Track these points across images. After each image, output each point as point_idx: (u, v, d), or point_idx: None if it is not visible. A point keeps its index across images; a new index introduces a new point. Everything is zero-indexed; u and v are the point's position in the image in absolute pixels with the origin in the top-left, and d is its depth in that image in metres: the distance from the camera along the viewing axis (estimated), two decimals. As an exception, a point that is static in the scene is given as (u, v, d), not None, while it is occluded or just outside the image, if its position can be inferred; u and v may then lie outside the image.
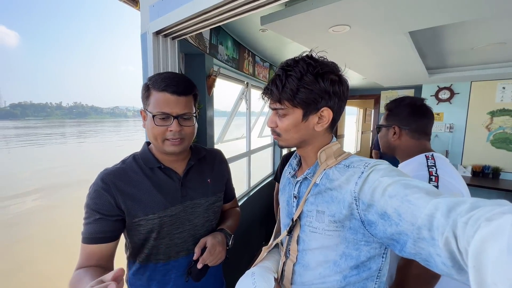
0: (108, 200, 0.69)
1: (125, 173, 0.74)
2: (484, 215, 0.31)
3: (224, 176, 0.93)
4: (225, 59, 1.68)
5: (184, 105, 0.71)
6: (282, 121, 0.62)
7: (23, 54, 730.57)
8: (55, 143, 20.57)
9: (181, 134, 0.72)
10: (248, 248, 2.25)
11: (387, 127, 1.01)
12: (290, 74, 0.57)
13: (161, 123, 0.70)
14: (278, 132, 0.64)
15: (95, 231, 0.68)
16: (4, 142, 19.17)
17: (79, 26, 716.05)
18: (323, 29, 1.29)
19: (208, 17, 0.83)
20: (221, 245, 0.77)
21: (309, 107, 0.59)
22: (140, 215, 0.72)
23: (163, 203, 0.74)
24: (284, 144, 0.66)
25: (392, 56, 1.86)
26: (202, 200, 0.82)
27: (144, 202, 0.73)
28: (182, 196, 0.78)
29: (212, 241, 0.76)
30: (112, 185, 0.70)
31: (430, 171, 0.83)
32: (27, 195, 6.39)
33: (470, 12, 1.07)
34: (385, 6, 1.04)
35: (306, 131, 0.62)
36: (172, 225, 0.76)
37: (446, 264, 0.36)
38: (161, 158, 0.79)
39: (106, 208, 0.69)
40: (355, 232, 0.55)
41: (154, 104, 0.70)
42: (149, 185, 0.74)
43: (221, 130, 2.13)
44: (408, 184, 0.46)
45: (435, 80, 2.98)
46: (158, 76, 0.72)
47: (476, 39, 1.76)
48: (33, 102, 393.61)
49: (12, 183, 7.80)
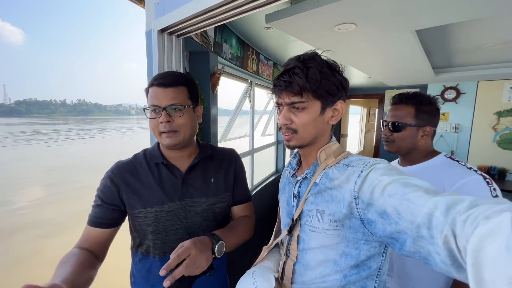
0: (112, 189, 0.75)
1: (133, 166, 0.79)
2: (483, 213, 0.31)
3: (230, 177, 0.89)
4: (230, 57, 1.67)
5: (172, 96, 0.73)
6: (300, 115, 0.60)
7: (27, 51, 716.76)
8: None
9: (172, 126, 0.73)
10: (250, 246, 2.25)
11: (417, 126, 0.89)
12: (311, 66, 0.57)
13: (153, 116, 0.74)
14: (295, 129, 0.61)
15: (94, 215, 0.75)
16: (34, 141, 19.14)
17: (84, 23, 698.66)
18: (328, 27, 1.27)
19: (213, 14, 0.83)
20: (200, 249, 0.62)
21: (328, 99, 0.60)
22: (139, 207, 0.76)
23: (161, 198, 0.77)
24: (297, 143, 0.63)
25: (398, 55, 1.83)
26: (202, 199, 0.82)
27: (144, 195, 0.76)
28: (182, 193, 0.79)
29: (188, 244, 0.62)
30: (119, 176, 0.77)
31: (482, 174, 0.77)
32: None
33: (480, 10, 1.05)
34: (392, 4, 1.02)
35: (322, 125, 0.62)
36: (168, 220, 0.78)
37: (445, 262, 0.36)
38: (167, 154, 0.81)
39: (107, 197, 0.75)
40: (355, 231, 0.55)
41: (148, 99, 0.76)
42: (152, 179, 0.78)
43: (224, 128, 2.13)
44: (407, 182, 0.46)
45: (441, 80, 2.94)
46: (157, 75, 0.78)
47: (484, 38, 1.72)
48: (38, 99, 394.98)
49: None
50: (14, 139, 21.79)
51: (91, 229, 0.75)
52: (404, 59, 1.96)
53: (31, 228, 4.27)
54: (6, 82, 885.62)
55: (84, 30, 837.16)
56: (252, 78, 2.22)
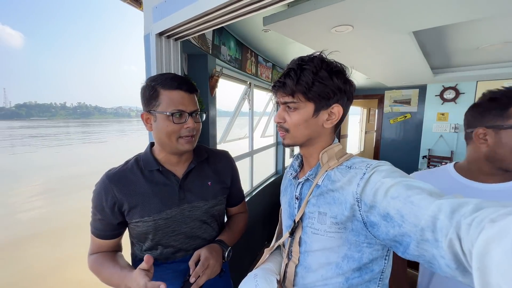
0: (107, 204, 0.73)
1: (125, 175, 0.76)
2: (488, 216, 0.30)
3: (227, 179, 0.90)
4: (228, 59, 1.68)
5: (194, 102, 0.76)
6: (292, 115, 0.61)
7: (27, 54, 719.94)
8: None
9: (194, 131, 0.75)
10: (250, 248, 2.26)
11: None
12: (305, 68, 0.58)
13: (177, 121, 0.72)
14: (287, 128, 0.63)
15: (98, 228, 0.75)
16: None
17: (83, 27, 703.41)
18: (325, 29, 1.28)
19: (211, 18, 0.83)
20: (215, 258, 0.74)
21: (321, 102, 0.59)
22: (137, 217, 0.74)
23: (158, 207, 0.75)
24: (290, 141, 0.65)
25: (396, 56, 1.84)
26: (200, 203, 0.81)
27: (141, 204, 0.74)
28: (180, 199, 0.78)
29: (206, 254, 0.73)
30: (112, 188, 0.73)
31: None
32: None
33: (475, 11, 1.06)
34: (388, 6, 1.03)
35: (315, 127, 0.62)
36: (167, 227, 0.77)
37: (450, 266, 0.36)
38: (162, 160, 0.79)
39: (105, 212, 0.73)
40: (357, 234, 0.55)
41: (168, 103, 0.71)
42: (147, 187, 0.75)
43: (223, 130, 2.14)
44: (410, 185, 0.45)
45: (440, 80, 2.95)
46: (164, 76, 0.74)
47: (481, 38, 1.73)
48: (38, 102, 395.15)
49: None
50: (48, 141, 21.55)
51: (97, 239, 0.76)
52: (402, 60, 1.97)
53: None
54: (6, 86, 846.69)
55: (83, 33, 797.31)
56: (251, 80, 2.23)
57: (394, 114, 3.89)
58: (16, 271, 3.04)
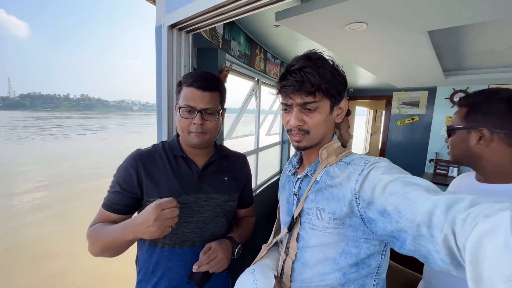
0: (132, 177, 0.76)
1: (153, 155, 0.81)
2: (482, 211, 0.31)
3: (242, 179, 0.94)
4: (237, 54, 1.67)
5: (207, 100, 0.76)
6: (312, 116, 0.59)
7: (32, 45, 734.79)
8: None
9: (203, 128, 0.77)
10: (253, 246, 2.25)
11: (467, 129, 0.73)
12: (320, 66, 0.57)
13: (186, 116, 0.76)
14: (307, 130, 0.60)
15: (112, 200, 0.76)
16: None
17: (89, 19, 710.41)
18: (339, 26, 1.25)
19: (224, 11, 0.82)
20: (224, 252, 0.76)
21: (336, 98, 0.60)
22: (155, 195, 0.76)
23: (177, 190, 0.78)
24: (308, 143, 0.62)
25: (408, 56, 1.80)
26: (215, 196, 0.84)
27: (161, 185, 0.78)
28: (197, 187, 0.81)
29: (216, 247, 0.76)
30: (139, 163, 0.78)
31: None
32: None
33: (496, 11, 1.02)
34: (406, 3, 1.00)
35: (330, 125, 0.63)
36: (182, 212, 0.78)
37: (445, 261, 0.37)
38: (186, 149, 0.84)
39: (126, 184, 0.76)
40: (355, 230, 0.56)
41: (182, 98, 0.77)
42: (169, 170, 0.80)
43: (230, 126, 2.13)
44: (408, 181, 0.46)
45: (450, 82, 2.89)
46: (190, 74, 0.80)
47: (498, 40, 1.68)
48: (42, 93, 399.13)
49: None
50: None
51: (106, 212, 0.76)
52: (414, 60, 1.93)
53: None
54: (11, 76, 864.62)
55: (89, 26, 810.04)
56: (259, 77, 2.21)
57: (402, 116, 3.83)
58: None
